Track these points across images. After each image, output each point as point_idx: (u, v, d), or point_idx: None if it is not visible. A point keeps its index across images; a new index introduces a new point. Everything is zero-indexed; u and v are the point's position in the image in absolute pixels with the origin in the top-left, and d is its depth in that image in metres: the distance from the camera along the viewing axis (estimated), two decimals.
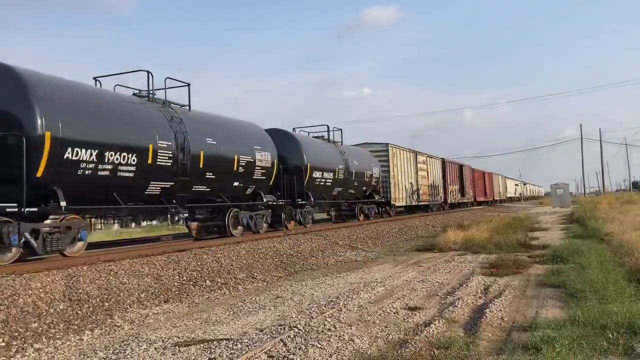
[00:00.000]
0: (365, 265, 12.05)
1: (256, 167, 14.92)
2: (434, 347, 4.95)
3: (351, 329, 5.97)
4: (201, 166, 12.58)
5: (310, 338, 5.61)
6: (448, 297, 7.63)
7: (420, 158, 31.57)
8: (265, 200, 15.52)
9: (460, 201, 40.91)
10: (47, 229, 9.03)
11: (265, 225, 15.71)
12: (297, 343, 5.44)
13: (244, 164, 14.35)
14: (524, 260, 10.85)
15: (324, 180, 18.92)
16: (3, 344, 5.81)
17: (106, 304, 7.63)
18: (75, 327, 6.65)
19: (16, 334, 6.09)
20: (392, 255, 13.89)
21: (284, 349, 5.29)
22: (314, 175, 18.14)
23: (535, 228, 20.89)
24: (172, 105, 12.76)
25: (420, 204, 31.09)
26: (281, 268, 11.77)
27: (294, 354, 5.08)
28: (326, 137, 21.38)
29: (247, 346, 5.45)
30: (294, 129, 19.77)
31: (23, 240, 8.55)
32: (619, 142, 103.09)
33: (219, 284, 9.72)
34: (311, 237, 15.53)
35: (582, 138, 65.38)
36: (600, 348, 4.64)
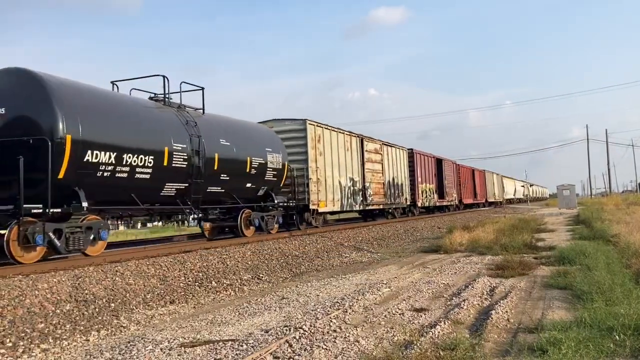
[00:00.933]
0: (371, 267, 12.05)
1: None
2: (440, 349, 4.94)
3: (356, 330, 5.97)
4: None
5: (316, 339, 5.61)
6: (454, 298, 7.61)
7: (370, 146, 23.08)
8: None
9: (437, 204, 33.07)
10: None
11: None
12: (302, 344, 5.44)
13: None
14: (530, 261, 10.80)
15: (127, 169, 10.03)
16: (10, 344, 5.85)
17: (112, 304, 7.66)
18: (82, 327, 6.68)
19: (23, 334, 6.12)
20: (398, 257, 13.88)
21: (289, 350, 5.29)
22: (89, 157, 9.33)
23: (541, 229, 20.81)
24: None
25: (369, 208, 22.78)
26: (287, 269, 11.78)
27: (299, 355, 5.08)
28: (162, 96, 12.20)
29: (252, 347, 5.46)
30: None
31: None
32: (626, 143, 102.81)
33: (225, 285, 9.74)
34: (316, 239, 15.55)
35: (588, 139, 65.37)
36: (607, 350, 4.61)
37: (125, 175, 10.17)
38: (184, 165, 11.61)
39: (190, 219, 13.55)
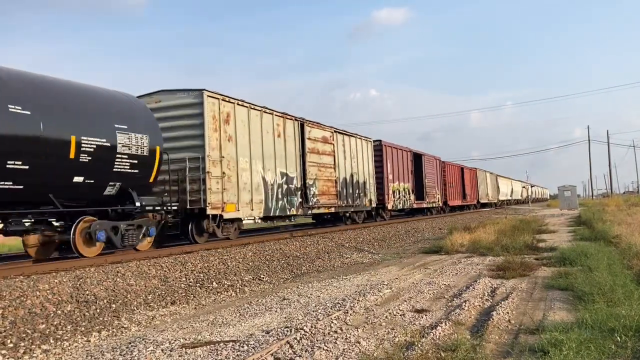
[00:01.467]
0: (372, 267, 12.04)
1: None
2: (441, 350, 4.94)
3: (357, 331, 5.96)
4: None
5: (317, 340, 5.60)
6: (455, 299, 7.60)
7: (316, 133, 18.18)
8: None
9: (415, 206, 28.09)
10: None
11: None
12: (303, 345, 5.44)
13: None
14: (531, 262, 10.79)
15: None
16: (11, 345, 5.85)
17: (113, 305, 7.67)
18: (83, 328, 6.69)
19: (24, 335, 6.13)
20: (399, 258, 13.87)
21: (290, 350, 5.29)
22: None
23: (542, 230, 20.78)
24: None
25: (313, 212, 18.31)
26: (287, 270, 11.78)
27: (300, 356, 5.08)
28: None
29: (253, 348, 5.46)
30: None
31: None
32: (628, 144, 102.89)
33: (226, 285, 9.75)
34: (317, 240, 15.54)
35: (589, 140, 65.42)
36: (608, 351, 4.61)
37: None
38: None
39: None
